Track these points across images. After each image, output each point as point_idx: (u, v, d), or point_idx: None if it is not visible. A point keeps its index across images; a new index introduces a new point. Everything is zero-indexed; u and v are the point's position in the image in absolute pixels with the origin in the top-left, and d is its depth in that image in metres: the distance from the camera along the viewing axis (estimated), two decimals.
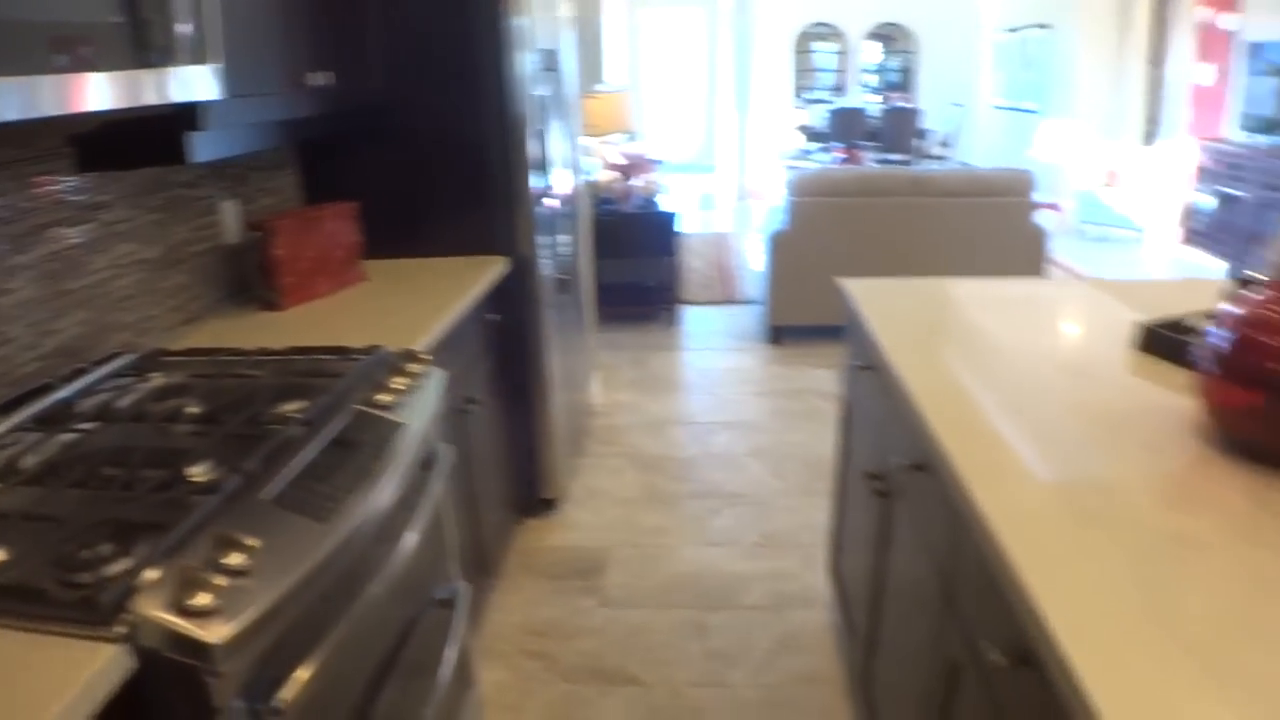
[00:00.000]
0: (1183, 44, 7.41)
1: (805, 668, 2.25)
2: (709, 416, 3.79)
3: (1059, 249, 6.73)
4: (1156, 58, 7.84)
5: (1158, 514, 1.05)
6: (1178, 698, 0.76)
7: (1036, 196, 4.46)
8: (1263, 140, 5.93)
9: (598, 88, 6.51)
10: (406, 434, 1.44)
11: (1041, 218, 7.30)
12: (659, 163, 6.27)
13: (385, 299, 2.22)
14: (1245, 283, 1.34)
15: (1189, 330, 1.54)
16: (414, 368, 1.64)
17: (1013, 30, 9.47)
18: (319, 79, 2.03)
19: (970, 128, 10.42)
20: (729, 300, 5.44)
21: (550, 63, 2.89)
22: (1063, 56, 8.38)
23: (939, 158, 9.29)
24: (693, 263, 6.26)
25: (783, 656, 2.29)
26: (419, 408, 1.55)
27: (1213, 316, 1.25)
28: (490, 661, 2.29)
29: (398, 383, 1.55)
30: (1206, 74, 7.10)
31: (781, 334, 4.67)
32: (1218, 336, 1.20)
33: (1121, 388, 1.44)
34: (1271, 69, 6.09)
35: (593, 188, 4.93)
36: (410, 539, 1.40)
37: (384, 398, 1.49)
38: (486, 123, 2.53)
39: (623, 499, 3.10)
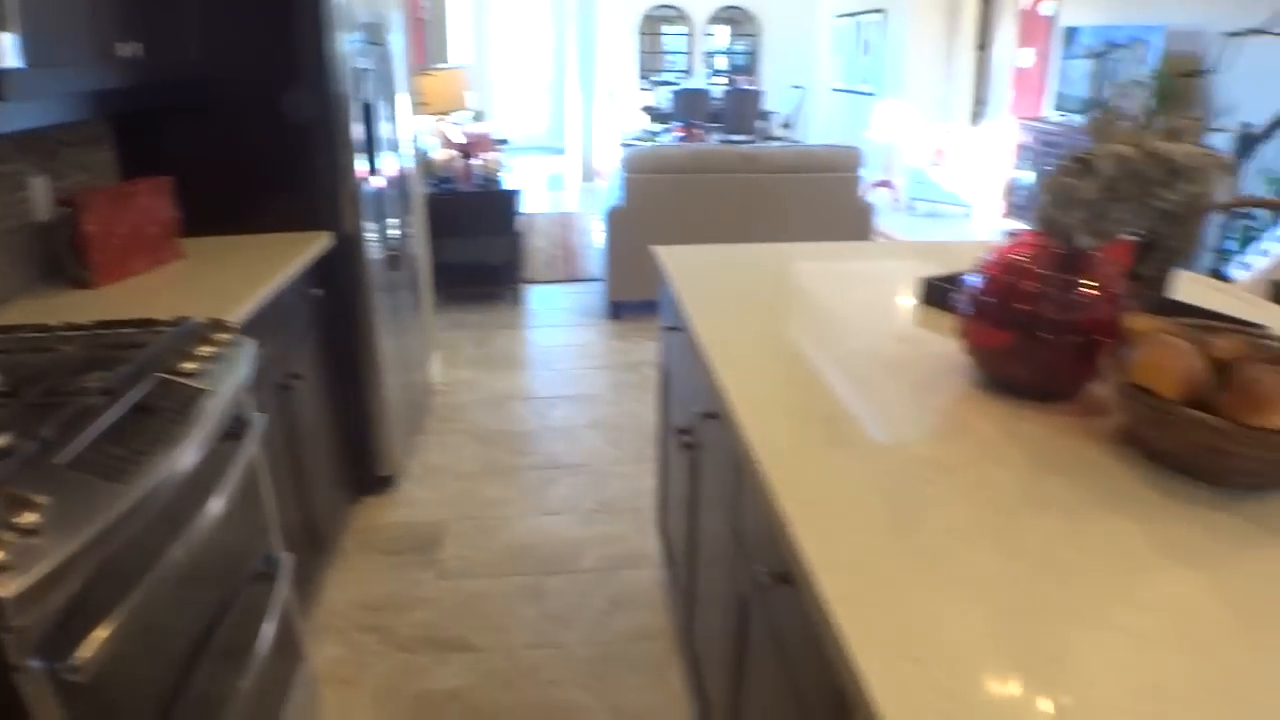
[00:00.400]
0: (1006, 29, 7.86)
1: (637, 624, 2.32)
2: (549, 391, 3.83)
3: (892, 225, 7.05)
4: (983, 42, 8.29)
5: (916, 444, 1.15)
6: (909, 595, 0.84)
7: (870, 174, 4.67)
8: (1076, 119, 6.37)
9: (440, 65, 6.42)
10: (210, 401, 1.42)
11: (876, 195, 7.65)
12: (503, 142, 6.24)
13: (202, 275, 2.16)
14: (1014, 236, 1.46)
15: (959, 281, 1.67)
16: (222, 337, 1.61)
17: (849, 15, 9.83)
18: (128, 50, 1.95)
19: (811, 110, 10.76)
20: (573, 278, 5.48)
21: (376, 37, 2.85)
22: (896, 41, 8.75)
23: (781, 139, 9.56)
24: (538, 242, 6.28)
25: (615, 615, 2.36)
26: (225, 376, 1.53)
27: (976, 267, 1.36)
28: (325, 637, 2.28)
29: (204, 351, 1.53)
30: (1027, 57, 7.55)
31: (621, 309, 4.75)
32: (974, 284, 1.31)
33: (903, 336, 1.55)
34: (1085, 52, 6.53)
35: (429, 166, 4.88)
36: (216, 505, 1.38)
37: (189, 365, 1.47)
38: (307, 98, 2.48)
39: (462, 474, 3.10)
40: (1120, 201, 1.19)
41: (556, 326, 4.70)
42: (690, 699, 2.03)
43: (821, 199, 4.56)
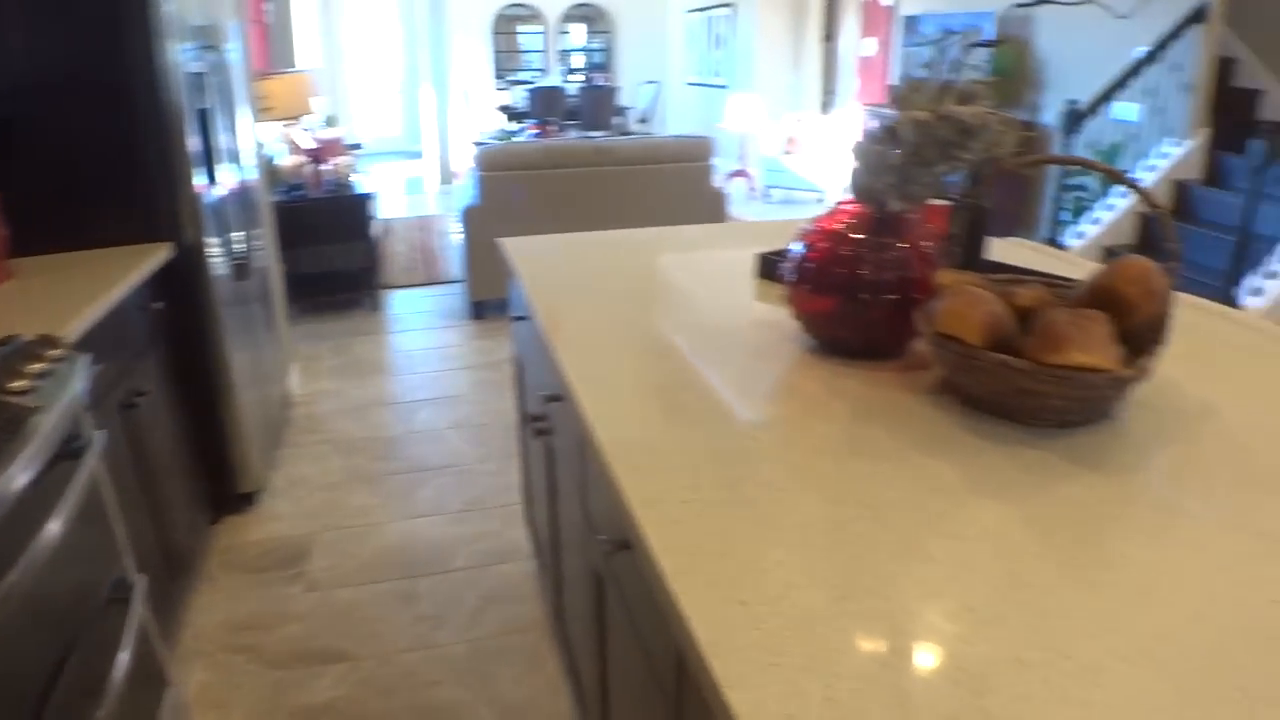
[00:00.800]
0: (851, 21, 8.14)
1: (511, 617, 2.32)
2: (412, 395, 3.79)
3: (747, 212, 7.21)
4: (829, 34, 8.56)
5: (748, 407, 1.19)
6: (737, 545, 0.88)
7: (726, 165, 4.77)
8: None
9: (286, 70, 6.24)
10: (41, 419, 1.36)
11: (732, 185, 7.81)
12: (356, 147, 6.11)
13: (33, 293, 2.04)
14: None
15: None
16: (52, 353, 1.54)
17: (700, 10, 10.00)
18: None
19: (667, 104, 10.90)
20: (433, 281, 5.42)
21: (212, 43, 2.76)
22: (745, 35, 8.95)
23: (637, 133, 9.65)
24: (397, 246, 6.17)
25: (489, 610, 2.36)
26: (57, 393, 1.46)
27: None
28: (194, 662, 2.19)
29: (33, 368, 1.46)
30: (871, 47, 7.85)
31: (483, 309, 4.73)
32: (798, 253, 1.36)
33: (741, 309, 1.61)
34: (923, 40, 6.83)
35: (277, 173, 4.74)
36: (54, 528, 1.32)
37: (16, 384, 1.39)
38: (139, 107, 2.38)
39: (326, 484, 3.04)
40: (926, 165, 1.26)
41: (417, 330, 4.64)
42: (567, 683, 2.05)
43: (676, 189, 4.63)
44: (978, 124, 1.17)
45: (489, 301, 4.69)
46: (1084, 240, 5.18)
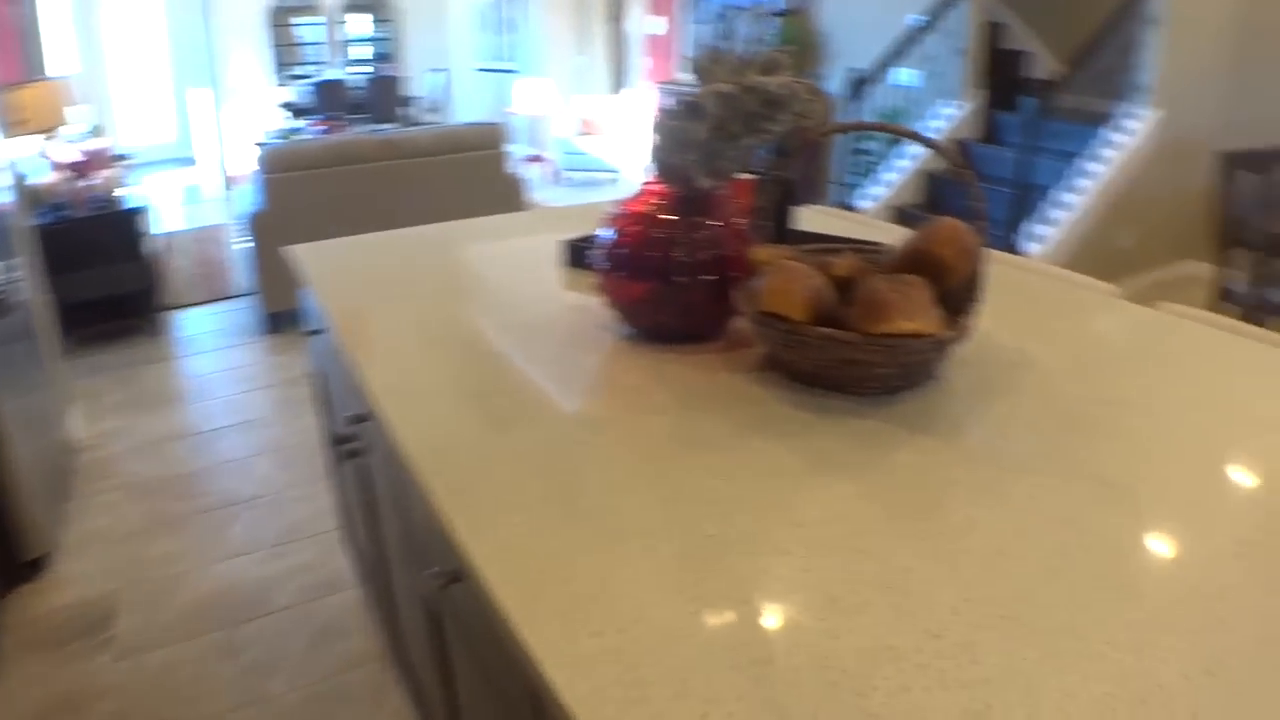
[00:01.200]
0: (638, 1, 8.17)
1: (346, 654, 2.17)
2: (210, 424, 3.50)
3: (547, 197, 7.13)
4: (615, 15, 8.55)
5: (569, 407, 1.12)
6: (578, 564, 0.80)
7: (521, 150, 4.66)
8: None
9: (39, 78, 5.64)
10: None
11: (530, 170, 7.71)
12: (124, 157, 5.61)
13: None
14: None
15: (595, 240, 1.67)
16: None
17: None
18: None
19: (458, 91, 10.65)
20: (222, 296, 5.05)
21: None
22: (533, 18, 8.85)
23: (429, 123, 9.38)
24: (178, 262, 5.72)
25: (321, 650, 2.19)
26: None
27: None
28: None
29: None
30: (658, 25, 7.90)
31: (279, 321, 4.43)
32: (607, 239, 1.30)
33: (551, 300, 1.53)
34: (710, 16, 6.94)
35: (35, 193, 4.27)
36: None
37: None
38: None
39: (124, 535, 2.75)
40: (732, 139, 1.22)
41: (209, 351, 4.30)
42: (414, 713, 1.93)
43: (470, 178, 4.50)
44: (785, 94, 1.14)
45: (285, 313, 4.39)
46: (875, 203, 5.39)
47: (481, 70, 10.24)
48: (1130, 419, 1.10)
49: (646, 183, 1.31)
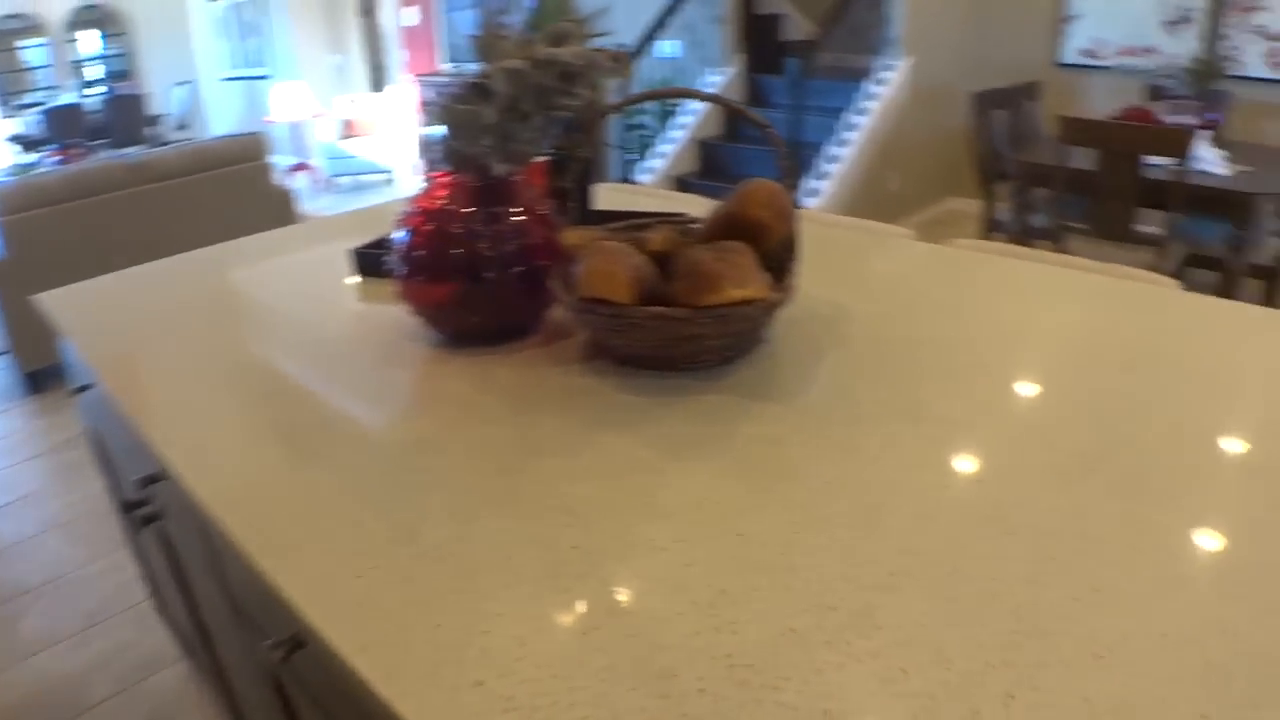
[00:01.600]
0: None
1: None
2: None
3: (319, 206, 6.79)
4: (367, 9, 8.20)
5: (393, 431, 1.02)
6: (433, 611, 0.72)
7: (285, 159, 4.37)
8: (469, 66, 6.62)
9: None
10: None
11: (296, 179, 7.31)
12: None
13: None
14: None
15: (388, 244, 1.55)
16: None
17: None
18: None
19: (205, 104, 9.97)
20: None
21: None
22: (278, 21, 8.36)
23: (179, 141, 8.73)
24: None
25: None
26: None
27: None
28: None
29: None
30: (413, 17, 7.64)
31: (40, 380, 3.98)
32: (402, 241, 1.19)
33: (348, 315, 1.40)
34: (467, 3, 6.76)
35: None
36: None
37: None
38: None
39: None
40: (526, 120, 1.14)
41: None
42: None
43: (234, 195, 4.18)
44: (582, 64, 1.07)
45: (47, 370, 3.94)
46: (654, 175, 5.43)
47: (229, 79, 9.62)
48: (954, 356, 1.12)
49: (435, 175, 1.22)
